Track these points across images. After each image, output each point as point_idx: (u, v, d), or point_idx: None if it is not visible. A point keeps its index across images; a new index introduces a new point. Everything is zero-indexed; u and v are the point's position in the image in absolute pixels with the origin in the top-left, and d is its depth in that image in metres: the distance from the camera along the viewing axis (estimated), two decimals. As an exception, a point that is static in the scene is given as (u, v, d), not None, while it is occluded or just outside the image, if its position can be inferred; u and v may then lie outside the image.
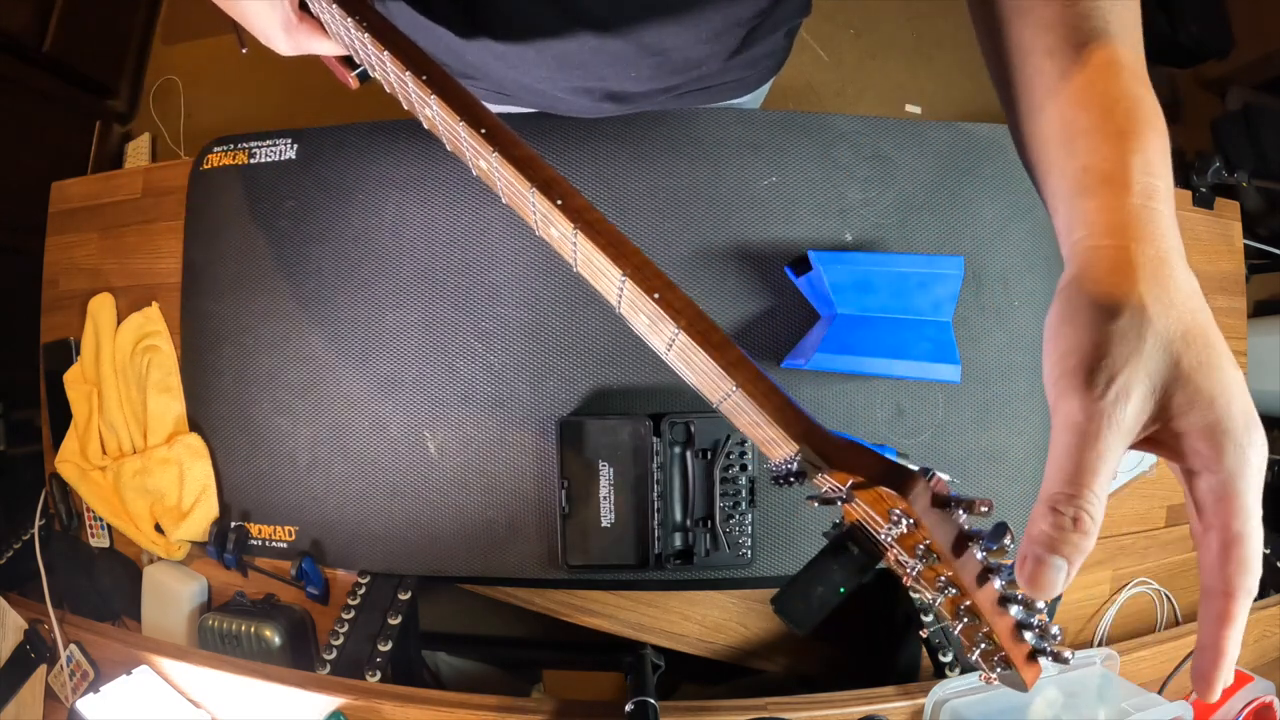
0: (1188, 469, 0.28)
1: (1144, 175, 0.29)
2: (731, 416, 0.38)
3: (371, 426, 0.80)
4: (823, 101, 1.84)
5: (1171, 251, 0.27)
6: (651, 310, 0.36)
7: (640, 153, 0.79)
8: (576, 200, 0.38)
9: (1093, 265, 0.28)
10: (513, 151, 0.39)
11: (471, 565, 0.80)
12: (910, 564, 0.31)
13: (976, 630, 0.32)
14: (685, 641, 0.92)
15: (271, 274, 0.83)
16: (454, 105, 0.41)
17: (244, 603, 0.84)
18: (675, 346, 0.37)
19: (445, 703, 0.68)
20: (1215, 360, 0.26)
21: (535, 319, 0.79)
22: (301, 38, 0.51)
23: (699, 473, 0.75)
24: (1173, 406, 0.26)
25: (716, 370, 0.35)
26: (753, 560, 0.76)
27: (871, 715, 0.68)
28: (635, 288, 0.36)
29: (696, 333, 0.35)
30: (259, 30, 0.50)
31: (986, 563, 0.30)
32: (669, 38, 0.57)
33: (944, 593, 0.31)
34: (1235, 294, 0.97)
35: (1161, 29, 1.68)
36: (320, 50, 0.52)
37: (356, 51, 0.49)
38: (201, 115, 1.87)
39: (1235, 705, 0.78)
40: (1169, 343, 0.26)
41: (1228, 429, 0.26)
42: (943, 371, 0.69)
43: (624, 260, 0.36)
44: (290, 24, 0.49)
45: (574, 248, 0.39)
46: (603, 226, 0.37)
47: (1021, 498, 0.81)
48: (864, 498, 0.31)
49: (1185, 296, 0.27)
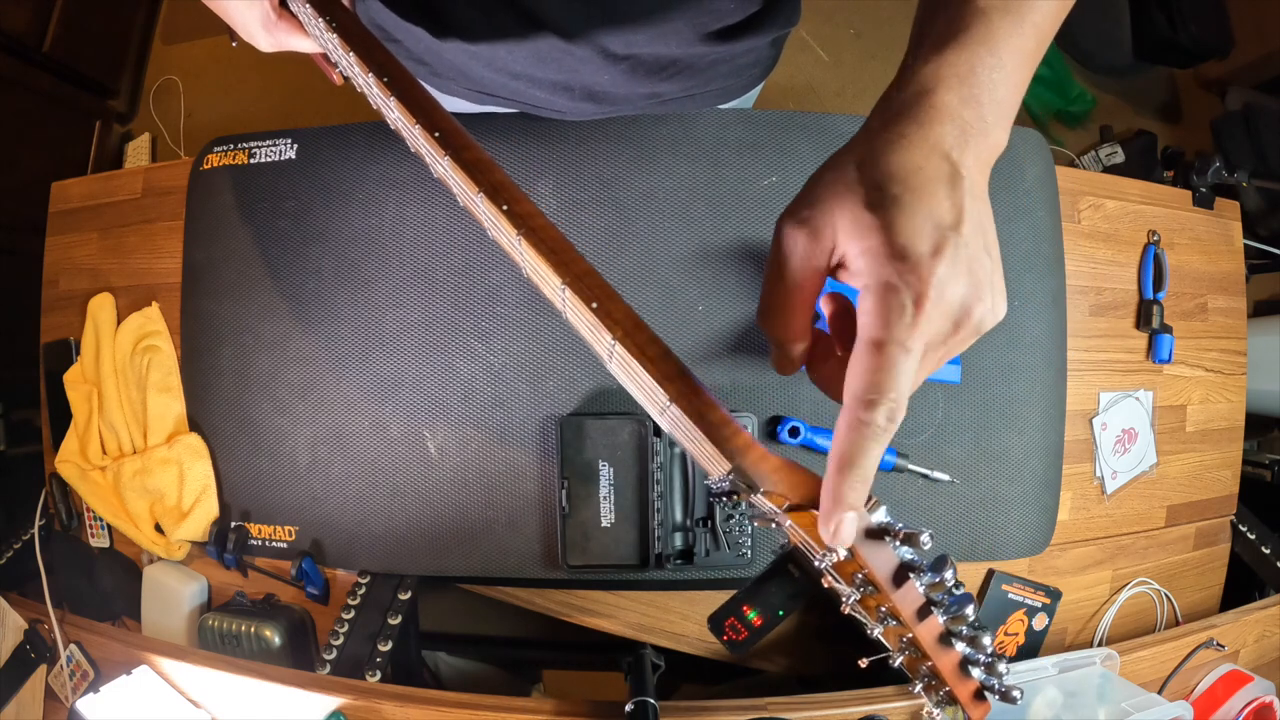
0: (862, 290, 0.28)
1: (931, 71, 0.29)
2: (672, 431, 0.36)
3: (371, 426, 0.80)
4: (823, 101, 1.84)
5: (923, 130, 0.27)
6: (590, 320, 0.35)
7: (641, 153, 0.79)
8: (523, 205, 0.37)
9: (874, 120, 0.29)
10: (464, 155, 0.39)
11: (471, 565, 0.80)
12: (847, 592, 0.29)
13: (920, 663, 0.30)
14: (685, 641, 0.92)
15: (271, 274, 0.82)
16: (411, 107, 0.41)
17: (244, 603, 0.83)
18: (615, 357, 0.36)
19: (445, 703, 0.68)
20: (905, 210, 0.26)
21: (535, 319, 0.79)
22: (281, 35, 0.52)
23: (699, 473, 0.75)
24: (848, 234, 0.27)
25: (651, 383, 0.33)
26: (753, 560, 0.75)
27: (871, 715, 0.68)
28: (574, 296, 0.35)
29: (633, 345, 0.33)
30: (240, 27, 0.52)
31: (928, 596, 0.28)
32: (635, 45, 0.58)
33: (884, 623, 0.30)
34: (1235, 294, 0.97)
35: (1161, 29, 1.68)
36: (299, 47, 0.54)
37: (330, 51, 0.50)
38: (201, 115, 1.87)
39: (1235, 705, 0.78)
40: (862, 193, 0.27)
41: (889, 252, 0.26)
42: (943, 371, 0.69)
43: (564, 269, 0.35)
44: (269, 21, 0.51)
45: (520, 255, 0.38)
46: (547, 234, 0.36)
47: (1021, 498, 0.81)
48: (800, 521, 0.29)
49: (911, 167, 0.27)
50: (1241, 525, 0.96)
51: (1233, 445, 0.96)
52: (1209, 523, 0.95)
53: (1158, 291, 0.91)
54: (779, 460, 0.31)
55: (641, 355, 0.33)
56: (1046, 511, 0.83)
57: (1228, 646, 0.81)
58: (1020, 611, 0.86)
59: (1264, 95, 1.69)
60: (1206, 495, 0.95)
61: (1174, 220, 0.94)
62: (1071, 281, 0.87)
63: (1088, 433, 0.88)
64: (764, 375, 0.78)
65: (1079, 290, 0.88)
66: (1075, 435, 0.87)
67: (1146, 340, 0.91)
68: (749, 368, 0.78)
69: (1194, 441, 0.94)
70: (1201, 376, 0.94)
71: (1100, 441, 0.88)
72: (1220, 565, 0.97)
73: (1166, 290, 0.91)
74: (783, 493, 0.30)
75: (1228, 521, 0.97)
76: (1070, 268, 0.87)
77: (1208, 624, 0.83)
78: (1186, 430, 0.93)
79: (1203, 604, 0.95)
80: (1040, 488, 0.82)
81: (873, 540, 0.28)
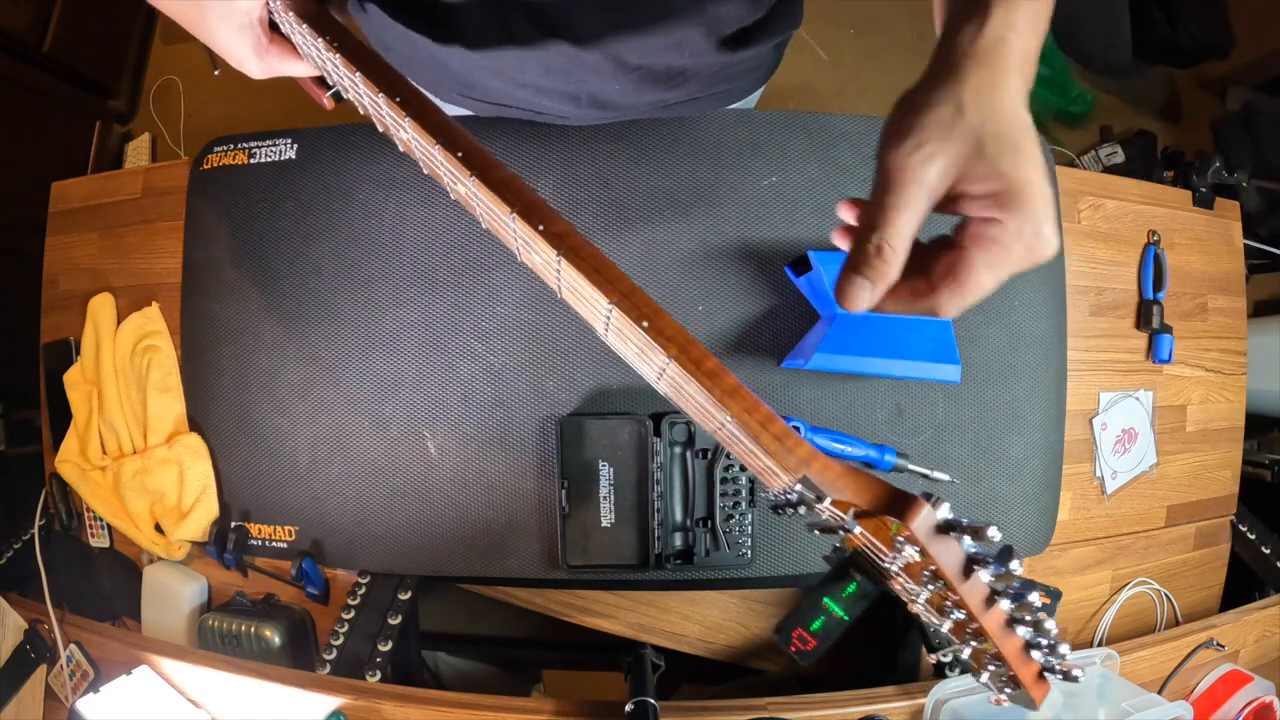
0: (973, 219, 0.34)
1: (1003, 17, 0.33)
2: (728, 445, 0.37)
3: (371, 426, 0.80)
4: (823, 101, 1.84)
5: (1007, 80, 0.33)
6: (640, 339, 0.34)
7: (641, 153, 0.79)
8: (558, 224, 0.36)
9: (937, 70, 0.34)
10: (491, 175, 0.37)
11: (471, 565, 0.80)
12: (916, 591, 0.31)
13: (985, 652, 0.32)
14: (685, 641, 0.92)
15: (271, 274, 0.83)
16: (429, 128, 0.39)
17: (244, 603, 0.83)
18: (666, 376, 0.36)
19: (445, 703, 0.68)
20: (1020, 159, 0.32)
21: (535, 319, 0.79)
22: (273, 60, 0.50)
23: (699, 472, 0.75)
24: (971, 176, 0.32)
25: (710, 399, 0.33)
26: (753, 560, 0.76)
27: (871, 715, 0.68)
28: (623, 316, 0.34)
29: (689, 361, 0.33)
30: (230, 55, 0.50)
31: (994, 585, 0.30)
32: (648, 54, 0.57)
33: (949, 616, 0.31)
34: (1235, 294, 0.97)
35: (1161, 29, 1.68)
36: (293, 72, 0.52)
37: (329, 73, 0.48)
38: (201, 115, 1.87)
39: (1235, 705, 0.78)
40: (977, 136, 0.32)
41: (1013, 196, 0.32)
42: (943, 371, 0.69)
43: (610, 287, 0.35)
44: (261, 47, 0.49)
45: (558, 274, 0.37)
46: (587, 252, 0.35)
47: (1022, 497, 0.81)
48: (867, 526, 0.30)
49: (1009, 117, 0.32)
50: (1241, 525, 0.96)
51: (1233, 445, 0.96)
52: (1209, 523, 0.95)
53: (1158, 291, 0.91)
54: (841, 467, 0.32)
55: (697, 371, 0.33)
56: (1046, 511, 0.83)
57: (1228, 646, 0.81)
58: (1020, 611, 0.86)
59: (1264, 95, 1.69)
60: (1206, 495, 0.95)
61: (1174, 220, 0.94)
62: (1071, 281, 0.87)
63: (1088, 433, 0.88)
64: (764, 375, 0.78)
65: (1079, 290, 0.88)
66: (1075, 435, 0.87)
67: (1146, 340, 0.91)
68: (749, 367, 0.78)
69: (1194, 441, 0.94)
70: (1201, 376, 0.94)
71: (1100, 441, 0.88)
72: (1220, 565, 0.97)
73: (1166, 290, 0.91)
74: (849, 499, 0.31)
75: (1228, 521, 0.97)
76: (1070, 268, 0.87)
77: (1208, 624, 0.83)
78: (1186, 430, 0.94)
79: (1203, 604, 0.95)
80: (1040, 488, 0.82)
81: (940, 536, 0.29)
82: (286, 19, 0.46)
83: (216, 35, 0.48)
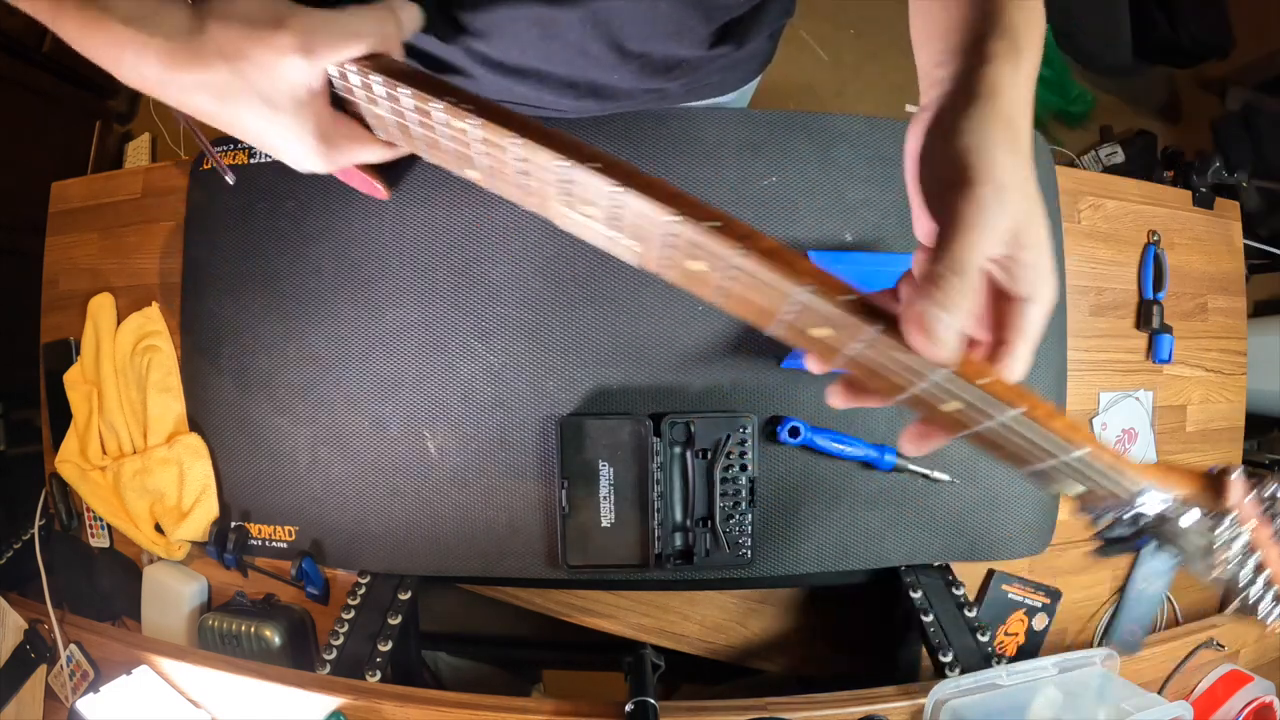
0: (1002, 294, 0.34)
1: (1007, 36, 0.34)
2: (1095, 477, 0.38)
3: (371, 426, 0.80)
4: (823, 101, 1.84)
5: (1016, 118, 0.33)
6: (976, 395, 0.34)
7: (641, 153, 0.79)
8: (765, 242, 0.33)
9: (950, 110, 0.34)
10: (702, 211, 0.33)
11: (471, 565, 0.80)
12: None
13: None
14: (685, 641, 0.92)
15: (271, 274, 0.82)
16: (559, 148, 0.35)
17: (244, 603, 0.84)
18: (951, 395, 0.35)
19: (445, 703, 0.68)
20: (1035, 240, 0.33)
21: (535, 319, 0.79)
22: (343, 143, 0.41)
23: (699, 472, 0.75)
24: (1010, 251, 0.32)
25: (1051, 436, 0.35)
26: (753, 560, 0.76)
27: (871, 715, 0.68)
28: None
29: (1005, 389, 0.33)
30: (281, 150, 0.40)
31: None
32: (649, 41, 0.57)
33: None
34: (1235, 294, 0.97)
35: (1161, 29, 1.68)
36: (367, 158, 0.43)
37: (420, 147, 0.40)
38: (201, 115, 1.86)
39: (1235, 705, 0.78)
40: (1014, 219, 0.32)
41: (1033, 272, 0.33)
42: (943, 371, 0.69)
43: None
44: (324, 133, 0.40)
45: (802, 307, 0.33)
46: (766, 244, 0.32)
47: (1021, 498, 0.81)
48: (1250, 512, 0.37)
49: (1023, 179, 0.32)
50: (1241, 525, 0.96)
51: (1233, 445, 0.96)
52: (1209, 523, 0.95)
53: (1158, 291, 0.91)
54: (1147, 466, 0.37)
55: (1040, 417, 0.34)
56: (1046, 511, 0.83)
57: (1228, 646, 0.81)
58: (1020, 611, 0.86)
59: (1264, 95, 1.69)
60: (1206, 495, 0.94)
61: (1174, 220, 0.94)
62: (1071, 281, 0.87)
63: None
64: (764, 375, 0.78)
65: (1079, 290, 0.88)
66: (1075, 435, 0.86)
67: (1146, 340, 0.91)
68: (749, 368, 0.78)
69: (1194, 441, 0.94)
70: (1201, 376, 0.94)
71: (1100, 441, 0.88)
72: (1220, 565, 0.97)
73: (1166, 290, 0.91)
74: (1187, 496, 0.38)
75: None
76: (1070, 268, 0.87)
77: (1208, 624, 0.83)
78: (1186, 430, 0.94)
79: (1203, 604, 0.95)
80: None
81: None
82: (366, 82, 0.37)
83: (267, 135, 0.38)
